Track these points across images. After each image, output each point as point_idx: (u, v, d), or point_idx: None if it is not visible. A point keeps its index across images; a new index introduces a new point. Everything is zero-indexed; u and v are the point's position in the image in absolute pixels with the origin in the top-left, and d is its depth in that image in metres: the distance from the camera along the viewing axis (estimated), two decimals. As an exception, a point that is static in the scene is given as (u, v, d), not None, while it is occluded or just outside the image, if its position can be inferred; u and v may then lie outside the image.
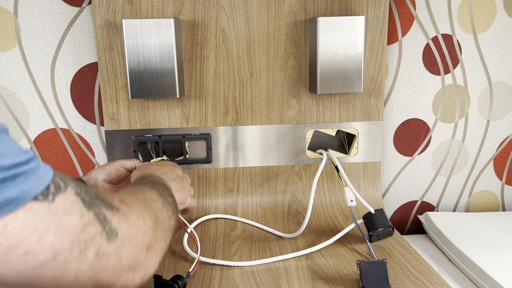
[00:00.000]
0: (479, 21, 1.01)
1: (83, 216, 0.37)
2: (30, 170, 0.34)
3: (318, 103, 0.98)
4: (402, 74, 1.03)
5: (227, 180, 1.00)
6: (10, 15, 0.91)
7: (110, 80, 0.93)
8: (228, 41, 0.94)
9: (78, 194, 0.38)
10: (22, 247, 0.32)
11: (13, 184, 0.32)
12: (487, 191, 1.12)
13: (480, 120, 1.07)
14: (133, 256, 0.42)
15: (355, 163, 1.01)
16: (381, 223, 0.81)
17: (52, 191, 0.35)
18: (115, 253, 0.40)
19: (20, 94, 0.95)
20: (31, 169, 0.34)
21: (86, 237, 0.37)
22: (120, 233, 0.41)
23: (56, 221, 0.35)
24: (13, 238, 0.32)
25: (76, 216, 0.37)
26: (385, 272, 0.67)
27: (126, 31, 0.85)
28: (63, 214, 0.35)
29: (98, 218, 0.39)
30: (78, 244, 0.36)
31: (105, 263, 0.39)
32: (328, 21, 0.88)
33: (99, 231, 0.38)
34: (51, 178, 0.36)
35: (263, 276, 0.73)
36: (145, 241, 0.44)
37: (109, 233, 0.40)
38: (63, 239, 0.35)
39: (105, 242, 0.39)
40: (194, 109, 0.96)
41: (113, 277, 0.40)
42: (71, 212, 0.36)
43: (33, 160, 0.35)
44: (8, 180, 0.31)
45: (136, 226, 0.44)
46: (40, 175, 0.35)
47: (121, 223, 0.42)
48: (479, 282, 0.77)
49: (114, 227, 0.40)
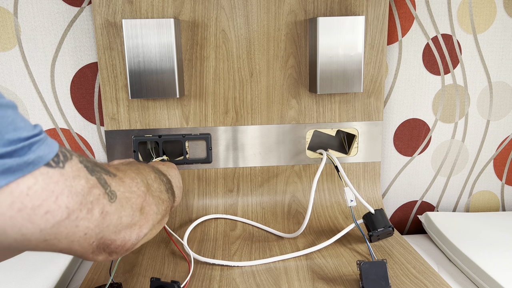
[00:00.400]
0: (479, 21, 1.01)
1: (88, 180, 0.42)
2: (42, 140, 0.38)
3: (318, 103, 0.98)
4: (402, 74, 1.03)
5: (227, 180, 1.00)
6: (10, 15, 0.91)
7: (110, 80, 0.93)
8: (228, 41, 0.94)
9: (82, 162, 0.43)
10: (43, 207, 0.37)
11: (30, 151, 0.37)
12: (487, 191, 1.12)
13: (480, 120, 1.07)
14: (130, 215, 0.48)
15: (355, 163, 1.01)
16: (381, 223, 0.81)
17: (62, 159, 0.40)
18: (116, 212, 0.46)
19: (20, 94, 0.95)
20: (42, 139, 0.39)
21: (92, 198, 0.42)
22: (118, 195, 0.47)
23: (68, 184, 0.40)
24: (35, 199, 0.37)
25: (83, 180, 0.42)
26: (385, 272, 0.67)
27: (126, 31, 0.85)
28: (73, 178, 0.40)
29: (100, 182, 0.44)
30: (86, 204, 0.41)
31: (108, 221, 0.45)
32: (328, 21, 0.88)
33: (102, 193, 0.44)
34: (58, 147, 0.41)
35: (263, 276, 0.73)
36: (138, 203, 0.51)
37: (110, 194, 0.45)
38: (74, 200, 0.40)
39: (107, 202, 0.44)
40: (194, 109, 0.96)
41: (114, 234, 0.46)
42: (78, 177, 0.41)
43: (42, 132, 0.40)
44: (26, 148, 0.36)
45: (130, 189, 0.50)
46: (50, 144, 0.39)
47: (118, 186, 0.47)
48: (479, 282, 0.77)
49: (113, 189, 0.46)
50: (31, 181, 0.36)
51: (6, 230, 0.36)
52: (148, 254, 0.82)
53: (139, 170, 0.56)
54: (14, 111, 0.37)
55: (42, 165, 0.37)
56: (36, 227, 0.37)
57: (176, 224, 0.94)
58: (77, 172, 0.41)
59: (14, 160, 0.35)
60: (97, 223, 0.43)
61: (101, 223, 0.44)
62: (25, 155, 0.36)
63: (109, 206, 0.45)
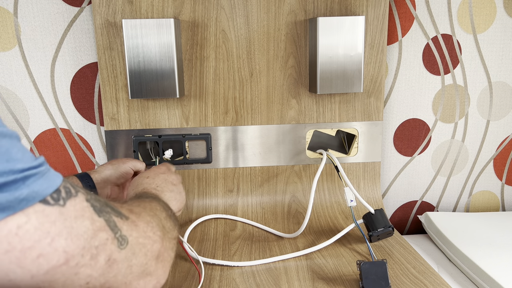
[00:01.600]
0: (479, 21, 1.01)
1: (94, 221, 0.38)
2: (41, 173, 0.35)
3: (318, 103, 0.98)
4: (402, 74, 1.03)
5: (227, 180, 1.00)
6: (10, 15, 0.91)
7: (110, 80, 0.93)
8: (228, 41, 0.94)
9: (89, 200, 0.39)
10: (35, 249, 0.33)
11: (24, 185, 0.33)
12: (487, 191, 1.12)
13: (480, 120, 1.07)
14: (144, 264, 0.43)
15: (355, 163, 1.01)
16: (381, 223, 0.81)
17: (63, 196, 0.36)
18: (126, 260, 0.40)
19: (20, 94, 0.95)
20: (42, 172, 0.35)
21: (97, 242, 0.38)
22: (130, 241, 0.41)
23: (67, 225, 0.35)
24: (26, 240, 0.33)
25: (87, 221, 0.37)
26: (385, 272, 0.67)
27: (126, 31, 0.85)
28: (75, 218, 0.36)
29: (108, 225, 0.39)
30: (89, 250, 0.37)
31: (116, 270, 0.39)
32: (328, 21, 0.88)
33: (110, 237, 0.39)
34: (60, 181, 0.36)
35: (263, 276, 0.73)
36: (155, 250, 0.45)
37: (120, 240, 0.40)
38: (75, 244, 0.35)
39: (116, 249, 0.39)
40: (194, 109, 0.96)
41: (124, 285, 0.41)
42: (82, 217, 0.37)
43: (43, 164, 0.36)
44: (19, 181, 0.33)
45: (145, 234, 0.44)
46: (50, 178, 0.36)
47: (131, 231, 0.42)
48: (479, 282, 0.77)
49: (124, 234, 0.41)
50: (22, 219, 0.32)
51: None
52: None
53: (152, 211, 0.51)
54: (11, 141, 0.34)
55: (37, 201, 0.33)
56: (26, 273, 0.33)
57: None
58: (81, 212, 0.37)
59: (3, 196, 0.31)
60: (102, 272, 0.38)
61: (107, 272, 0.39)
62: (17, 190, 0.32)
63: (118, 253, 0.40)
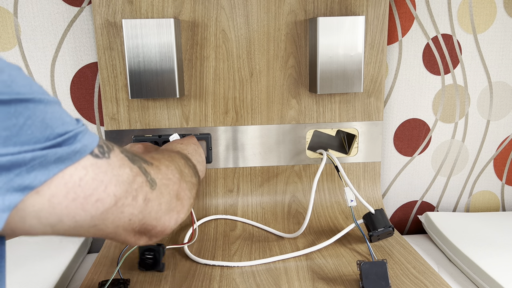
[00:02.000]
0: (479, 21, 1.01)
1: (132, 169, 0.45)
2: (84, 131, 0.41)
3: (318, 103, 0.98)
4: (402, 74, 1.03)
5: (227, 180, 1.00)
6: (10, 15, 0.91)
7: (110, 80, 0.93)
8: (228, 41, 0.94)
9: (122, 152, 0.45)
10: (94, 195, 0.40)
11: (75, 140, 0.39)
12: (487, 191, 1.12)
13: (480, 120, 1.07)
14: (168, 202, 0.50)
15: (355, 163, 1.01)
16: (381, 223, 0.81)
17: (106, 150, 0.42)
18: (156, 199, 0.48)
19: (20, 94, 0.95)
20: (85, 130, 0.41)
21: (136, 186, 0.45)
22: (157, 182, 0.49)
23: (115, 173, 0.42)
24: (87, 188, 0.39)
25: (127, 169, 0.44)
26: (385, 272, 0.67)
27: (126, 31, 0.85)
28: (119, 167, 0.43)
29: (141, 170, 0.46)
30: (131, 192, 0.44)
31: (150, 207, 0.47)
32: (328, 21, 0.88)
33: (144, 180, 0.46)
34: (98, 137, 0.43)
35: (263, 276, 0.73)
36: (175, 189, 0.52)
37: (151, 182, 0.47)
38: (121, 188, 0.42)
39: (149, 190, 0.47)
40: (194, 109, 0.96)
41: (155, 220, 0.49)
42: (123, 166, 0.43)
43: (84, 125, 0.42)
44: (72, 138, 0.39)
45: (167, 176, 0.52)
46: (92, 134, 0.42)
47: (156, 174, 0.49)
48: (479, 282, 0.77)
49: (153, 177, 0.48)
50: (82, 172, 0.39)
51: (62, 218, 0.38)
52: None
53: (171, 157, 0.58)
54: (60, 107, 0.40)
55: (88, 153, 0.40)
56: (88, 214, 0.40)
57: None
58: (121, 161, 0.44)
59: (63, 150, 0.37)
60: (140, 209, 0.46)
61: (144, 209, 0.46)
62: (72, 144, 0.38)
63: (151, 193, 0.47)
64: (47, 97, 0.38)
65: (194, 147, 0.76)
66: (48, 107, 0.38)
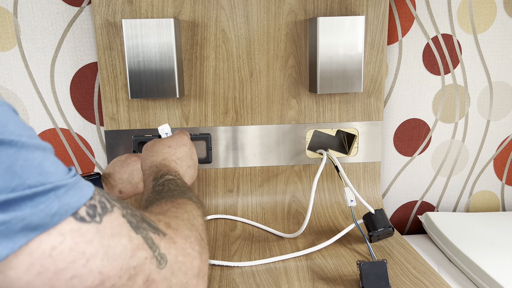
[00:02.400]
0: (479, 21, 1.01)
1: (132, 239, 0.35)
2: (70, 184, 0.32)
3: (318, 103, 0.98)
4: (402, 74, 1.02)
5: (227, 180, 1.00)
6: (10, 15, 0.91)
7: (110, 80, 0.93)
8: (228, 41, 0.93)
9: (125, 215, 0.36)
10: (69, 270, 0.31)
11: (55, 197, 0.31)
12: (487, 191, 1.12)
13: (480, 120, 1.06)
14: (184, 284, 0.40)
15: (355, 163, 1.01)
16: (381, 223, 0.81)
17: (99, 211, 0.34)
18: (165, 280, 0.38)
19: (19, 94, 0.95)
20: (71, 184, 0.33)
21: (136, 262, 0.35)
22: (169, 259, 0.38)
23: (104, 243, 0.33)
24: (60, 261, 0.31)
25: (125, 239, 0.34)
26: (385, 272, 0.67)
27: (126, 31, 0.84)
28: (111, 236, 0.34)
29: (146, 242, 0.36)
30: (127, 270, 0.34)
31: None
32: (328, 21, 0.88)
33: (149, 256, 0.36)
34: (92, 192, 0.34)
35: (263, 276, 0.73)
36: (195, 267, 0.41)
37: (158, 258, 0.37)
38: (112, 264, 0.33)
39: (155, 268, 0.37)
40: (194, 109, 0.96)
41: None
42: (119, 235, 0.34)
43: (75, 175, 0.34)
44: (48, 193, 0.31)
45: (184, 252, 0.41)
46: (82, 188, 0.33)
47: (169, 249, 0.39)
48: (479, 282, 0.77)
49: (163, 252, 0.38)
50: (57, 240, 0.31)
51: None
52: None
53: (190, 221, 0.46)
54: (44, 154, 0.32)
55: (69, 215, 0.32)
56: None
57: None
58: (118, 229, 0.34)
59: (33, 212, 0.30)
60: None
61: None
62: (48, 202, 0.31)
63: (157, 273, 0.37)
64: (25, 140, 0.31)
65: (184, 150, 0.65)
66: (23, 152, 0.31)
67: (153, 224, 0.39)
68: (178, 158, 0.63)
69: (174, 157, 0.62)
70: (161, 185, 0.54)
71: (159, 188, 0.53)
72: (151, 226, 0.38)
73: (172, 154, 0.62)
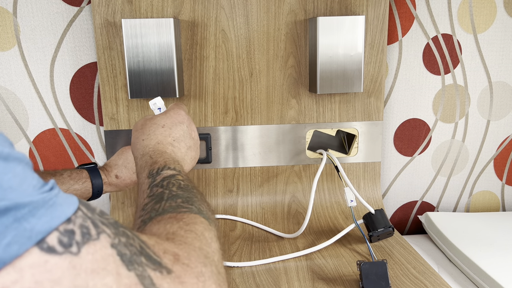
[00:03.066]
0: (479, 21, 1.01)
1: (121, 278, 0.27)
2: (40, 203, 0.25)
3: (318, 103, 0.98)
4: (402, 74, 1.02)
5: (227, 180, 1.00)
6: (9, 14, 0.91)
7: (109, 80, 0.93)
8: (228, 41, 0.93)
9: (116, 245, 0.27)
10: None
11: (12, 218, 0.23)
12: (487, 191, 1.12)
13: (480, 120, 1.06)
14: None
15: (355, 163, 1.01)
16: (381, 223, 0.81)
17: (78, 239, 0.25)
18: None
19: (19, 94, 0.95)
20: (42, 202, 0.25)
21: None
22: None
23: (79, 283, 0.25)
24: None
25: (110, 278, 0.26)
26: (385, 272, 0.67)
27: (126, 31, 0.84)
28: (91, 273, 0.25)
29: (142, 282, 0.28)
30: None
31: None
32: (328, 21, 0.88)
33: None
34: (72, 212, 0.26)
35: (263, 277, 0.73)
36: None
37: None
38: None
39: None
40: (193, 109, 0.96)
41: None
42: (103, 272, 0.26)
43: (51, 190, 0.26)
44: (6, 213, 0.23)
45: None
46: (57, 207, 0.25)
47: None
48: (479, 282, 0.77)
49: None
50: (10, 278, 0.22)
51: None
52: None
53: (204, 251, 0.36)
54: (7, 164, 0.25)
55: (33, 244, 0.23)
56: None
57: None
58: (102, 263, 0.26)
59: None
60: None
61: None
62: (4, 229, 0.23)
63: None
64: None
65: (181, 128, 0.55)
66: None
67: (154, 257, 0.30)
68: (175, 140, 0.53)
69: (170, 138, 0.53)
70: (160, 186, 0.45)
71: (157, 192, 0.44)
72: (151, 260, 0.29)
73: (167, 135, 0.53)
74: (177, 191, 0.44)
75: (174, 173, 0.47)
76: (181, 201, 0.42)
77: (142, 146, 0.52)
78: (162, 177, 0.46)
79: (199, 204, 0.43)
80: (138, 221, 0.41)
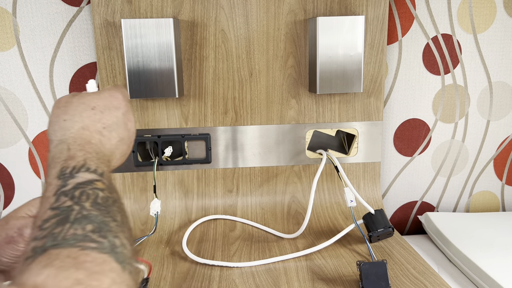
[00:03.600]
0: (479, 21, 1.01)
1: None
2: None
3: (318, 103, 0.98)
4: (402, 74, 1.02)
5: (227, 180, 0.99)
6: (9, 14, 0.91)
7: (109, 80, 0.92)
8: (228, 41, 0.93)
9: None
10: None
11: None
12: (487, 191, 1.11)
13: (480, 120, 1.06)
14: None
15: (355, 163, 1.01)
16: (381, 223, 0.81)
17: None
18: None
19: (18, 94, 0.95)
20: None
21: None
22: None
23: None
24: None
25: None
26: (385, 272, 0.67)
27: (125, 31, 0.84)
28: None
29: None
30: None
31: None
32: (327, 21, 0.88)
33: None
34: None
35: (263, 277, 0.73)
36: None
37: None
38: None
39: None
40: (193, 109, 0.96)
41: None
42: None
43: None
44: None
45: None
46: None
47: None
48: (479, 282, 0.77)
49: None
50: None
51: None
52: (146, 255, 0.81)
53: None
54: None
55: None
56: None
57: (175, 225, 0.94)
58: None
59: None
60: None
61: None
62: None
63: None
64: None
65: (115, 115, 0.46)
66: None
67: None
68: (105, 127, 0.44)
69: (100, 125, 0.44)
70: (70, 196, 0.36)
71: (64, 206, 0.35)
72: None
73: (96, 120, 0.44)
74: (90, 210, 0.35)
75: (93, 179, 0.38)
76: (91, 228, 0.33)
77: (61, 128, 0.42)
78: (76, 182, 0.37)
79: (115, 235, 0.34)
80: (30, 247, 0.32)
